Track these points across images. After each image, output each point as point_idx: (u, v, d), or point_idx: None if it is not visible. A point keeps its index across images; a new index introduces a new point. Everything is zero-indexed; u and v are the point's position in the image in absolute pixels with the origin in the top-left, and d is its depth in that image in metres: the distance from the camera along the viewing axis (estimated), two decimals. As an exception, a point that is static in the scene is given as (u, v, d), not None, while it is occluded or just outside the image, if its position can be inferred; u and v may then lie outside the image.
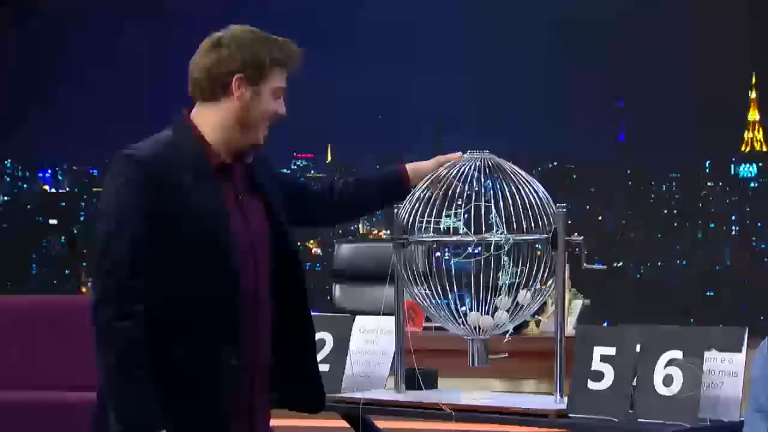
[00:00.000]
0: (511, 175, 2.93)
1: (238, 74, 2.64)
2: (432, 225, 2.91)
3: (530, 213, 2.89)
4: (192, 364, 2.52)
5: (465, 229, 2.87)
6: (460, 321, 2.95)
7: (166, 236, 2.53)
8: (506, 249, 2.85)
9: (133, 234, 2.51)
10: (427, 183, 2.99)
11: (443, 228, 2.89)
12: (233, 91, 2.65)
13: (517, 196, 2.89)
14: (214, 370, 2.55)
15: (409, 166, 3.03)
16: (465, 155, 2.99)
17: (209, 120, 2.67)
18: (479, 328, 2.93)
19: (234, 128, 2.66)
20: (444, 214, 2.89)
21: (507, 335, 2.97)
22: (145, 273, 2.50)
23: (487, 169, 2.93)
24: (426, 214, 2.93)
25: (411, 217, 2.95)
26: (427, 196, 2.96)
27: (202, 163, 2.63)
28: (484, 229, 2.87)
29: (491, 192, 2.89)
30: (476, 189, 2.91)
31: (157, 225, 2.52)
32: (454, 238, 2.88)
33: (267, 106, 2.67)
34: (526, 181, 2.93)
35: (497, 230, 2.85)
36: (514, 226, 2.88)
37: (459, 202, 2.91)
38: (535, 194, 2.91)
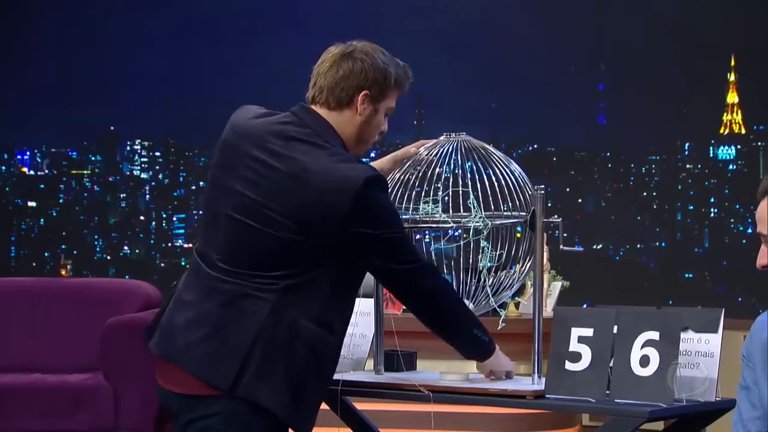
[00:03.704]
0: (490, 158, 2.93)
1: (364, 90, 2.76)
2: (411, 210, 2.92)
3: (508, 195, 2.90)
4: (335, 366, 2.80)
5: (443, 216, 2.88)
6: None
7: None
8: (485, 234, 2.86)
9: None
10: (406, 166, 2.99)
11: (421, 213, 2.91)
12: (357, 106, 2.76)
13: (494, 178, 2.90)
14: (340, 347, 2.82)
15: None
16: (442, 137, 3.00)
17: (335, 126, 2.78)
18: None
19: (352, 140, 2.79)
20: (422, 200, 2.91)
21: (501, 321, 3.00)
22: None
23: (464, 151, 2.93)
24: (405, 199, 2.94)
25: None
26: (405, 178, 2.96)
27: None
28: (462, 212, 2.88)
29: (469, 174, 2.90)
30: (455, 171, 2.91)
31: None
32: (433, 225, 2.89)
33: (380, 124, 2.81)
34: (505, 163, 2.94)
35: (475, 215, 2.86)
36: (492, 208, 2.89)
37: (438, 185, 2.92)
38: (512, 176, 2.92)
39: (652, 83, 7.62)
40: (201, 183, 8.09)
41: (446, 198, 2.91)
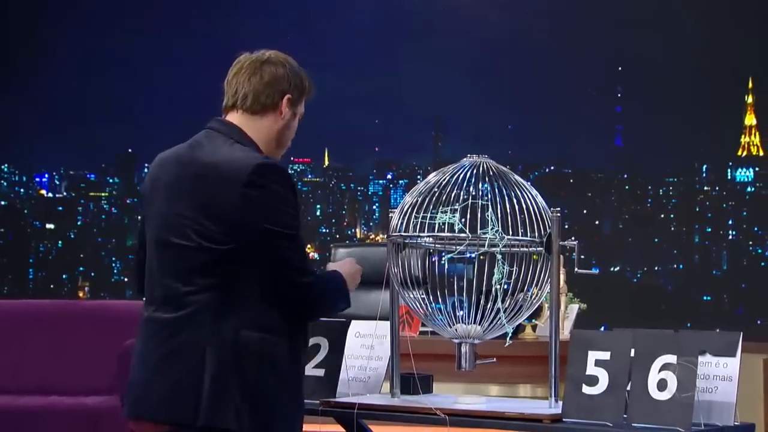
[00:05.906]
0: (507, 181, 2.92)
1: (288, 94, 2.79)
2: (427, 221, 2.89)
3: (526, 218, 2.89)
4: (300, 367, 2.74)
5: (461, 225, 2.86)
6: (451, 325, 2.94)
7: None
8: (500, 247, 2.85)
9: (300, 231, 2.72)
10: (417, 191, 2.98)
11: (438, 224, 2.88)
12: (282, 109, 2.79)
13: (514, 201, 2.89)
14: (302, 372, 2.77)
15: None
16: (465, 159, 2.98)
17: (252, 132, 2.78)
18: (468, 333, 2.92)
19: (272, 143, 2.80)
20: (440, 210, 2.89)
21: (507, 339, 2.96)
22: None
23: (489, 175, 2.92)
24: (421, 213, 2.91)
25: (406, 221, 2.95)
26: (419, 202, 2.95)
27: None
28: (479, 227, 2.86)
29: (488, 196, 2.89)
30: (472, 193, 2.90)
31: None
32: (449, 234, 2.87)
33: (295, 128, 2.84)
34: (522, 186, 2.93)
35: (492, 228, 2.85)
36: (510, 231, 2.88)
37: (455, 206, 2.91)
38: (531, 200, 2.91)
39: (669, 105, 7.62)
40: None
41: (463, 219, 2.88)
